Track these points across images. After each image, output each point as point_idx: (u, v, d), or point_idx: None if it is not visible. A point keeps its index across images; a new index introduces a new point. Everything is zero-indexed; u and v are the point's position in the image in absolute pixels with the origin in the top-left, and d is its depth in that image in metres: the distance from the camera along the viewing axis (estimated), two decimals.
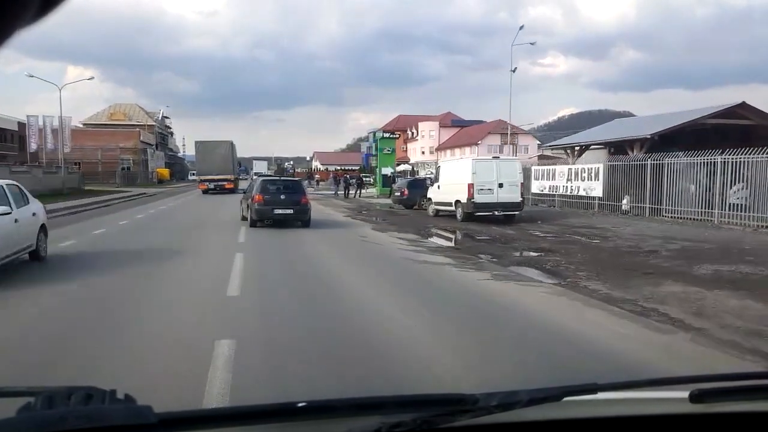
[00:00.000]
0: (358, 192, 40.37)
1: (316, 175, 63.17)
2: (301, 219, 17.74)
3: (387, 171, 40.80)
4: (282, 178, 23.84)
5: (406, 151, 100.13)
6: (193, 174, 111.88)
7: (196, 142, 42.11)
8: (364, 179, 42.89)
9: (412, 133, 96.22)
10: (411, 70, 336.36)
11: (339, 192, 40.73)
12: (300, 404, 0.95)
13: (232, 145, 42.49)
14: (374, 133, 41.52)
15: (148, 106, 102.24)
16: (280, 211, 17.35)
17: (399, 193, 27.39)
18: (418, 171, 44.07)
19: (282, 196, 17.62)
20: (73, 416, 0.84)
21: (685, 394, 1.11)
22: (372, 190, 43.15)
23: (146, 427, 0.85)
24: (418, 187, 27.21)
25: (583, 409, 1.11)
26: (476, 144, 77.76)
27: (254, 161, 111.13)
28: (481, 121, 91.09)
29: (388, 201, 35.85)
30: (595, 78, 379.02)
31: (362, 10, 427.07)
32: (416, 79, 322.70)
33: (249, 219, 17.87)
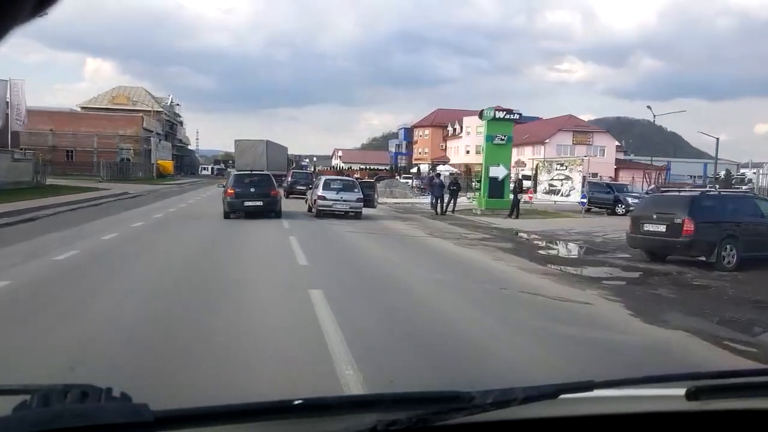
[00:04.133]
0: (453, 203, 24.13)
1: (356, 175, 46.80)
2: (271, 210, 17.82)
3: (499, 172, 24.44)
4: (253, 172, 20.63)
5: (445, 149, 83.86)
6: (205, 169, 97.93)
7: (236, 141, 42.98)
8: (459, 184, 26.36)
9: (454, 130, 79.83)
10: (424, 71, 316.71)
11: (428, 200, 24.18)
12: (296, 402, 0.91)
13: (267, 143, 42.74)
14: (483, 110, 24.88)
15: (163, 102, 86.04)
16: (250, 203, 17.33)
17: (666, 229, 10.94)
18: (520, 174, 27.56)
19: (252, 189, 17.66)
20: (69, 414, 0.80)
21: (682, 392, 1.05)
22: (467, 200, 26.92)
23: (143, 425, 0.81)
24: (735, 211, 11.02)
25: (579, 406, 1.04)
26: (543, 143, 61.40)
27: None
28: (536, 118, 74.71)
29: (505, 222, 19.89)
30: (612, 85, 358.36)
31: (377, 10, 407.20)
32: (429, 80, 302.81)
33: (223, 211, 17.49)
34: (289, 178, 31.94)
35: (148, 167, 64.66)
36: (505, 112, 24.69)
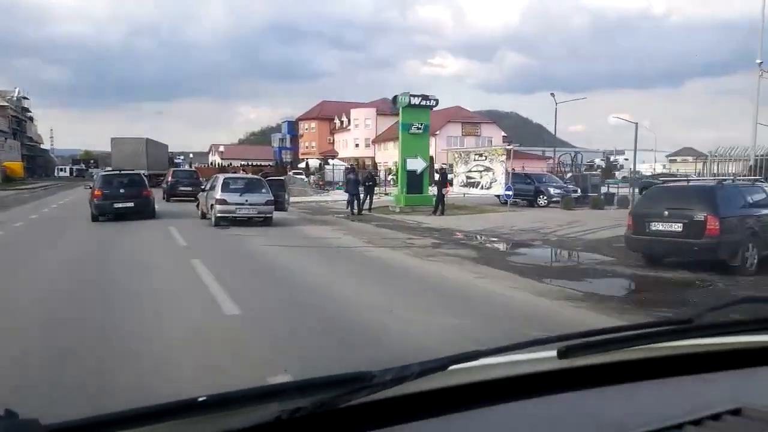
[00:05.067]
0: (368, 200, 21.26)
1: (241, 172, 42.45)
2: (143, 211, 16.88)
3: (417, 165, 21.90)
4: (122, 171, 19.15)
5: (332, 143, 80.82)
6: (62, 170, 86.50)
7: (112, 139, 41.02)
8: (375, 179, 23.36)
9: (342, 123, 77.14)
10: (301, 64, 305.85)
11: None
12: (200, 399, 0.86)
13: (147, 141, 41.18)
14: (396, 96, 22.16)
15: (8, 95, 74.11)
16: (120, 205, 16.36)
17: (684, 228, 8.71)
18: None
19: (122, 190, 16.76)
20: None
21: (554, 353, 1.12)
22: (386, 197, 24.12)
23: None
24: None
25: (468, 375, 1.10)
26: (433, 135, 60.22)
27: None
28: None
29: (434, 221, 17.72)
30: (481, 79, 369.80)
31: (249, 0, 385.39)
32: (307, 74, 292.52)
33: (90, 214, 16.41)
34: (170, 178, 27.08)
35: None
36: (420, 98, 22.12)
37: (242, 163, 77.91)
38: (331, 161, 55.30)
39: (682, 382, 1.22)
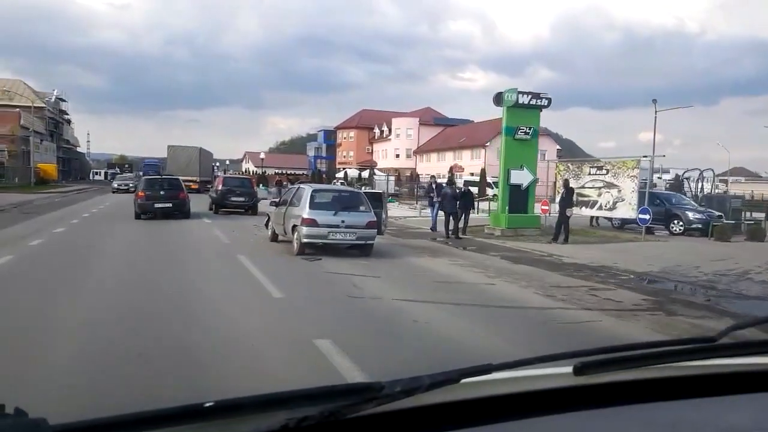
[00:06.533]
0: (464, 219, 16.76)
1: (276, 179, 40.16)
2: (180, 211, 18.27)
3: (522, 178, 17.31)
4: (163, 176, 21.92)
5: (371, 153, 76.69)
6: (97, 174, 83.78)
7: (168, 146, 41.86)
8: (472, 194, 18.74)
9: (382, 132, 72.94)
10: (331, 76, 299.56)
11: (424, 212, 16.24)
12: (207, 404, 0.84)
13: (200, 150, 41.91)
14: (501, 93, 17.67)
15: (46, 97, 71.49)
16: (160, 205, 17.72)
17: None
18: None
19: (162, 192, 18.13)
20: None
21: (570, 369, 1.07)
22: (480, 213, 19.44)
23: None
24: None
25: (479, 389, 1.06)
26: (483, 146, 55.79)
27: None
28: (467, 120, 69.50)
29: (567, 252, 13.11)
30: None
31: (281, 12, 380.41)
32: (337, 86, 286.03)
33: (134, 213, 17.85)
34: (220, 186, 22.70)
35: (27, 172, 52.03)
36: (530, 96, 17.61)
37: (276, 171, 74.02)
38: (377, 171, 51.18)
39: (704, 404, 1.15)
